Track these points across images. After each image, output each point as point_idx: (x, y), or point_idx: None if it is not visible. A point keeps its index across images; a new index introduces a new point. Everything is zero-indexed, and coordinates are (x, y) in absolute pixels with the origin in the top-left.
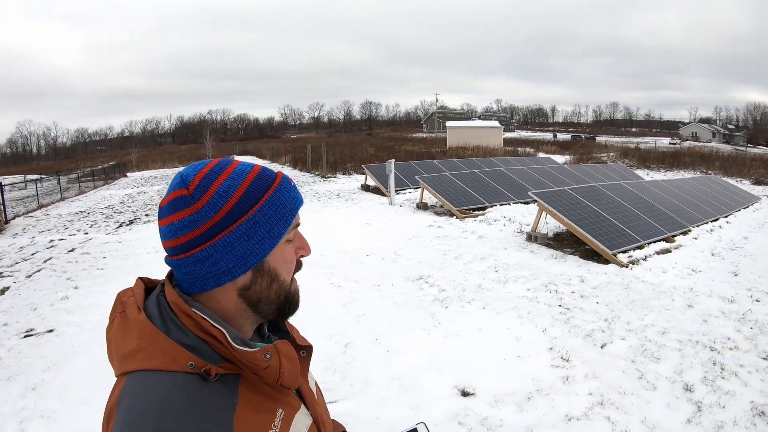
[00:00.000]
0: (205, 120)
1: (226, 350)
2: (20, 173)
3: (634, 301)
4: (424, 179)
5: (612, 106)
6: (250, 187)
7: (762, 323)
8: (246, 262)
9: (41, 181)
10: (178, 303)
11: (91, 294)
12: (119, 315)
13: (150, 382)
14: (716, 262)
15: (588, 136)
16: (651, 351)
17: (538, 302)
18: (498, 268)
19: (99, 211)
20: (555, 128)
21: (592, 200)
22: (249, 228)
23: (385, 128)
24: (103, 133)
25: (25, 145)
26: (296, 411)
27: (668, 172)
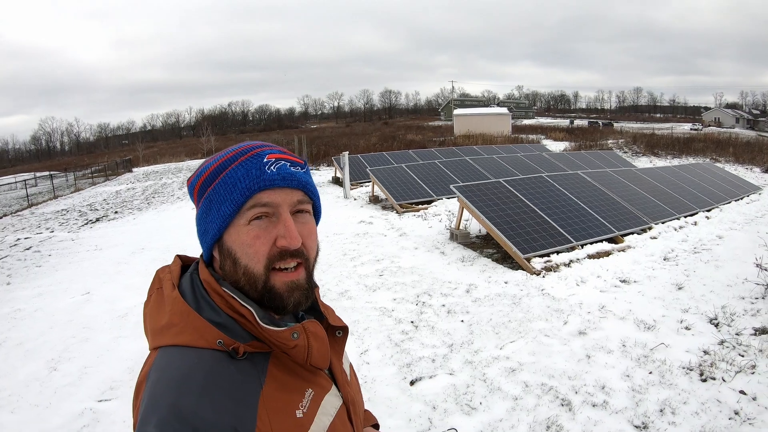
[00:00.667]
0: (225, 112)
1: (255, 329)
2: (42, 169)
3: (512, 321)
4: (374, 172)
5: (636, 91)
6: (218, 166)
7: (666, 368)
8: (205, 239)
9: (53, 177)
10: (210, 281)
11: (16, 289)
12: (156, 291)
13: (177, 357)
14: (663, 270)
15: (605, 122)
16: (472, 395)
17: (390, 316)
18: (385, 272)
19: (78, 209)
20: (577, 114)
21: (530, 194)
22: (207, 205)
23: (404, 117)
24: (126, 127)
25: (48, 142)
26: (326, 392)
27: (675, 159)
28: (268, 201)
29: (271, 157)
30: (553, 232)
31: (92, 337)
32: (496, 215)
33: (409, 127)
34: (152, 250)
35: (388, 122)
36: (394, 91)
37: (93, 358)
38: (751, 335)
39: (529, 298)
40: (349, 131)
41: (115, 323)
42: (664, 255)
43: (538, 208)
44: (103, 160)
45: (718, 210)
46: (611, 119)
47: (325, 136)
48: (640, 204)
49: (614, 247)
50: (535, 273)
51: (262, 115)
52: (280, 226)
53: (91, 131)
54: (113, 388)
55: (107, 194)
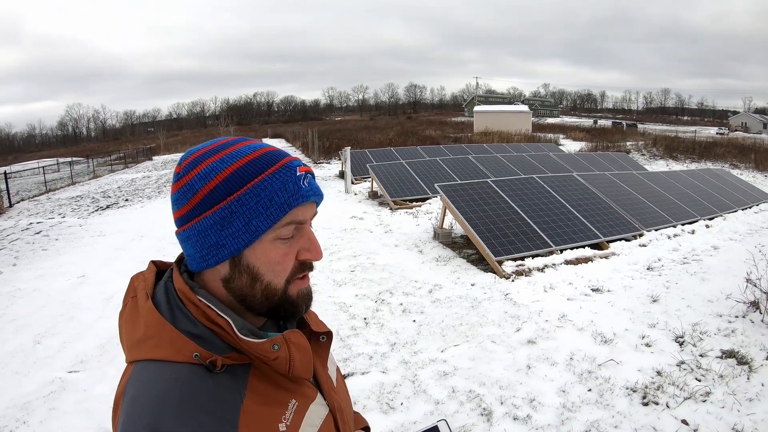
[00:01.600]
0: (250, 102)
1: (234, 340)
2: (68, 155)
3: (464, 324)
4: (374, 167)
5: (663, 93)
6: (236, 172)
7: (608, 387)
8: (219, 253)
9: (74, 164)
10: (185, 291)
11: (20, 270)
12: (131, 300)
13: (153, 373)
14: (643, 280)
15: (630, 123)
16: (396, 395)
17: (347, 312)
18: (358, 268)
19: (92, 195)
20: (603, 114)
21: (516, 196)
22: (224, 217)
23: (429, 112)
24: (151, 115)
25: (75, 128)
26: (311, 401)
27: (693, 163)
28: (302, 217)
29: (301, 170)
30: (533, 236)
31: (77, 316)
32: (476, 216)
33: (431, 122)
34: (150, 238)
35: (412, 117)
36: (419, 85)
37: (74, 334)
38: (716, 358)
39: (489, 302)
40: (371, 124)
41: (100, 305)
42: (648, 264)
43: (522, 209)
44: (127, 147)
45: (721, 218)
46: (637, 120)
47: (345, 129)
48: (635, 209)
49: (596, 254)
50: (505, 276)
51: (287, 106)
52: (303, 239)
53: (117, 118)
54: (83, 362)
55: (123, 182)
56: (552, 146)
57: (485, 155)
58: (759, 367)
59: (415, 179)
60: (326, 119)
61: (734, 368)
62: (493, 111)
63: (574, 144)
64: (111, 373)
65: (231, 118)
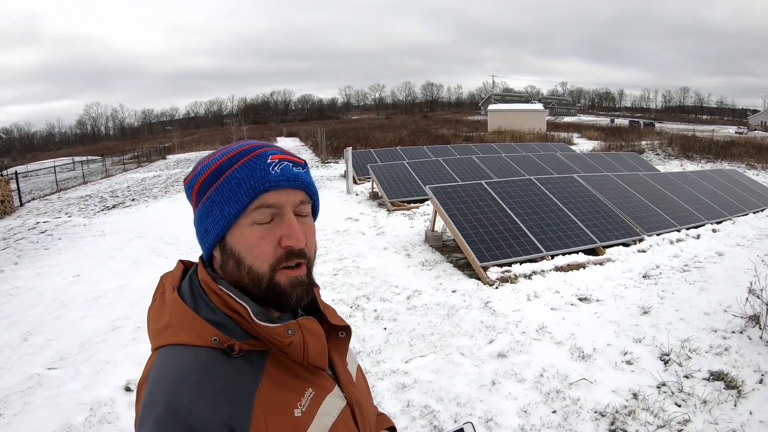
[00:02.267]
0: (267, 101)
1: (251, 326)
2: (86, 153)
3: (435, 334)
4: (374, 168)
5: (682, 91)
6: (218, 167)
7: (575, 410)
8: (206, 239)
9: (90, 162)
10: (207, 281)
11: (21, 269)
12: (159, 296)
13: (174, 356)
14: (636, 289)
15: (647, 122)
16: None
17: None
18: (341, 272)
19: (101, 195)
20: (621, 113)
21: (510, 198)
22: (208, 206)
23: (446, 110)
24: (169, 114)
25: (93, 127)
26: (328, 392)
27: (709, 163)
28: (274, 202)
29: (274, 158)
30: (523, 240)
31: (65, 314)
32: (465, 219)
33: (447, 120)
34: (148, 238)
35: (428, 115)
36: (436, 84)
37: (58, 332)
38: (702, 379)
39: (467, 310)
40: (387, 123)
41: (88, 304)
42: (645, 271)
43: (515, 212)
44: (144, 146)
45: (730, 222)
46: (656, 119)
47: (359, 128)
48: (638, 213)
49: (590, 260)
50: (489, 283)
51: (304, 104)
52: (284, 226)
53: (136, 117)
54: (62, 359)
55: (133, 181)
56: (563, 146)
57: (490, 155)
58: (749, 392)
59: (415, 180)
60: (343, 118)
61: (721, 392)
62: (506, 110)
63: (587, 143)
64: (85, 371)
65: (244, 117)
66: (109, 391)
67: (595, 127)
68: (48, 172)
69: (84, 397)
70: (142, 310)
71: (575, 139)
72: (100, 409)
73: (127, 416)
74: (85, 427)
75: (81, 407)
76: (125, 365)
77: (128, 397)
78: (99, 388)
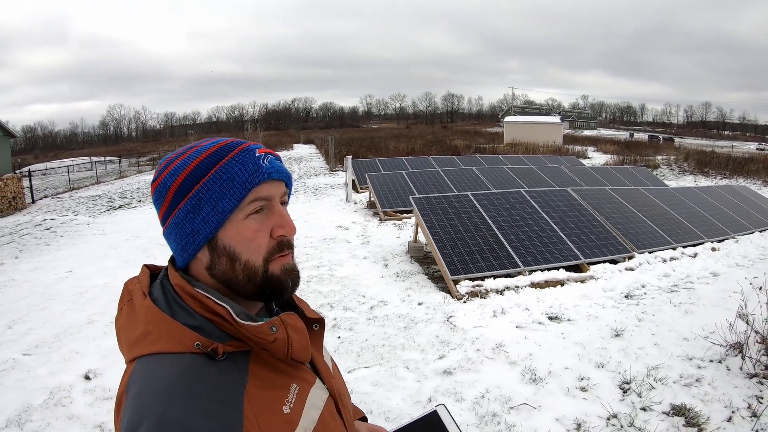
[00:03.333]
0: (288, 108)
1: (233, 327)
2: (107, 154)
3: (386, 346)
4: (372, 177)
5: (704, 106)
6: (199, 164)
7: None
8: (194, 240)
9: (105, 163)
10: (182, 285)
11: (20, 263)
12: (127, 304)
13: (157, 365)
14: (614, 310)
15: (666, 137)
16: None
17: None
18: (313, 280)
19: (110, 195)
20: (642, 127)
21: (495, 211)
22: (194, 205)
23: (466, 121)
24: (191, 118)
25: (116, 128)
26: (311, 385)
27: (724, 179)
28: (267, 194)
29: (261, 152)
30: (503, 254)
31: (50, 307)
32: (444, 231)
33: (466, 131)
34: (143, 239)
35: (447, 126)
36: (456, 94)
37: (40, 323)
38: (662, 413)
39: (426, 323)
40: (405, 133)
41: (73, 298)
42: (628, 291)
43: (497, 226)
44: (164, 148)
45: (732, 241)
46: (676, 134)
47: (376, 136)
48: (631, 228)
49: (571, 276)
50: (457, 297)
51: (325, 112)
52: (275, 217)
53: (158, 119)
54: (38, 347)
55: (144, 183)
56: (572, 159)
57: (492, 167)
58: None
59: (411, 190)
60: (363, 126)
61: (678, 430)
62: (523, 122)
63: (602, 157)
64: (54, 359)
65: (264, 123)
66: (70, 379)
67: (612, 141)
68: (68, 170)
69: (48, 382)
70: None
71: (590, 152)
72: (58, 393)
73: (80, 401)
74: (42, 408)
75: (43, 390)
76: (91, 356)
77: (85, 385)
78: (62, 375)
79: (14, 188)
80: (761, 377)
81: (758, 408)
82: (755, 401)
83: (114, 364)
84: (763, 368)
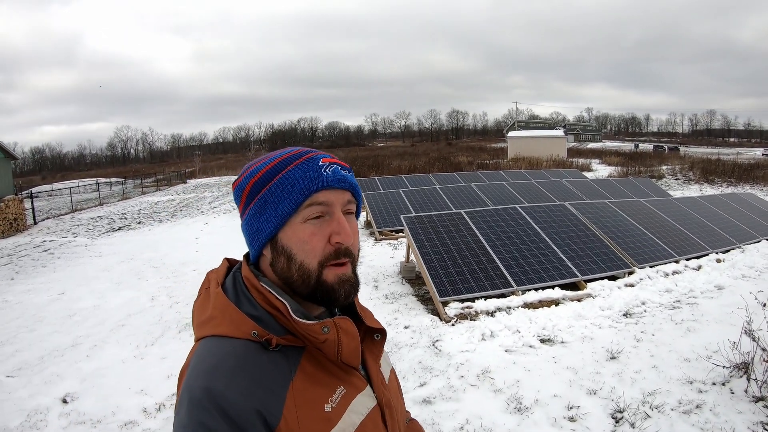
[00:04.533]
0: (294, 128)
1: (289, 323)
2: (114, 175)
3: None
4: (368, 197)
5: (709, 114)
6: (271, 168)
7: None
8: (258, 237)
9: (111, 185)
10: (249, 277)
11: (16, 284)
12: (205, 291)
13: (214, 345)
14: (611, 330)
15: (671, 146)
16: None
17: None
18: None
19: (111, 217)
20: (648, 138)
21: (489, 228)
22: (260, 206)
23: (471, 137)
24: (198, 139)
25: (123, 149)
26: (359, 391)
27: (730, 187)
28: (324, 200)
29: (325, 161)
30: (495, 274)
31: (38, 329)
32: (434, 250)
33: (471, 148)
34: (137, 261)
35: (452, 143)
36: (461, 111)
37: (26, 344)
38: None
39: (410, 348)
40: (410, 150)
41: (60, 321)
42: (627, 309)
43: (490, 244)
44: (170, 169)
45: (738, 251)
46: (681, 143)
47: (380, 155)
48: (632, 242)
49: (566, 295)
50: (446, 320)
51: (331, 131)
52: (333, 224)
53: (165, 141)
54: (21, 369)
55: (146, 204)
56: (575, 172)
57: (492, 183)
58: None
59: (408, 208)
60: (368, 145)
61: None
62: (526, 136)
63: (607, 169)
64: (35, 381)
65: (269, 143)
66: (48, 401)
67: (617, 152)
68: (73, 191)
69: (27, 404)
70: (103, 329)
71: (594, 165)
72: (35, 416)
73: (55, 424)
74: (17, 431)
75: (20, 413)
76: (71, 379)
77: (62, 408)
78: (41, 397)
79: (15, 210)
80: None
81: None
82: (761, 428)
83: (92, 387)
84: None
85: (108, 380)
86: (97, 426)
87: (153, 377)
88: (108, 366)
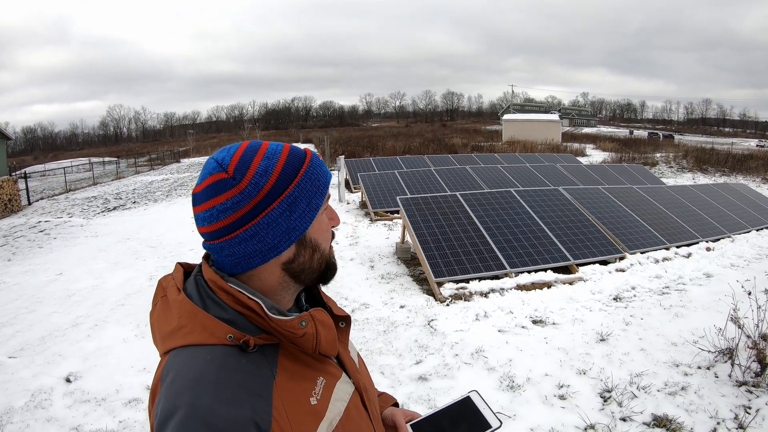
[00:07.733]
0: (288, 107)
1: (263, 321)
2: (107, 154)
3: (362, 350)
4: (363, 177)
5: (705, 103)
6: (285, 165)
7: None
8: (290, 236)
9: (104, 164)
10: (215, 279)
11: (13, 265)
12: (161, 299)
13: (189, 356)
14: (601, 313)
15: (666, 134)
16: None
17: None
18: None
19: (105, 196)
20: (643, 125)
21: (484, 211)
22: (290, 203)
23: (466, 119)
24: (191, 118)
25: (116, 128)
26: (337, 379)
27: (723, 177)
28: (330, 192)
29: (318, 155)
30: (489, 256)
31: (37, 309)
32: (430, 232)
33: (465, 130)
34: (134, 241)
35: (447, 124)
36: (456, 92)
37: (27, 325)
38: (642, 424)
39: (406, 327)
40: (405, 131)
41: (60, 301)
42: (617, 293)
43: (485, 226)
44: (163, 148)
45: (728, 240)
46: (676, 131)
47: (374, 135)
48: (624, 228)
49: (558, 278)
50: (440, 300)
51: (325, 111)
52: (329, 210)
53: (158, 120)
54: (23, 349)
55: (140, 184)
56: (569, 157)
57: (487, 166)
58: None
59: (403, 190)
60: (363, 125)
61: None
62: (521, 120)
63: (601, 154)
64: (38, 361)
65: (264, 122)
66: (51, 381)
67: (611, 138)
68: (66, 171)
69: (30, 384)
70: (103, 309)
71: (589, 150)
72: (39, 396)
73: (59, 403)
74: (23, 411)
75: (24, 393)
76: (73, 359)
77: (65, 387)
78: (44, 377)
79: (10, 190)
80: (750, 385)
81: (745, 419)
82: (743, 411)
83: (95, 366)
84: (753, 376)
85: (110, 359)
86: (102, 404)
87: (155, 356)
88: (109, 345)
